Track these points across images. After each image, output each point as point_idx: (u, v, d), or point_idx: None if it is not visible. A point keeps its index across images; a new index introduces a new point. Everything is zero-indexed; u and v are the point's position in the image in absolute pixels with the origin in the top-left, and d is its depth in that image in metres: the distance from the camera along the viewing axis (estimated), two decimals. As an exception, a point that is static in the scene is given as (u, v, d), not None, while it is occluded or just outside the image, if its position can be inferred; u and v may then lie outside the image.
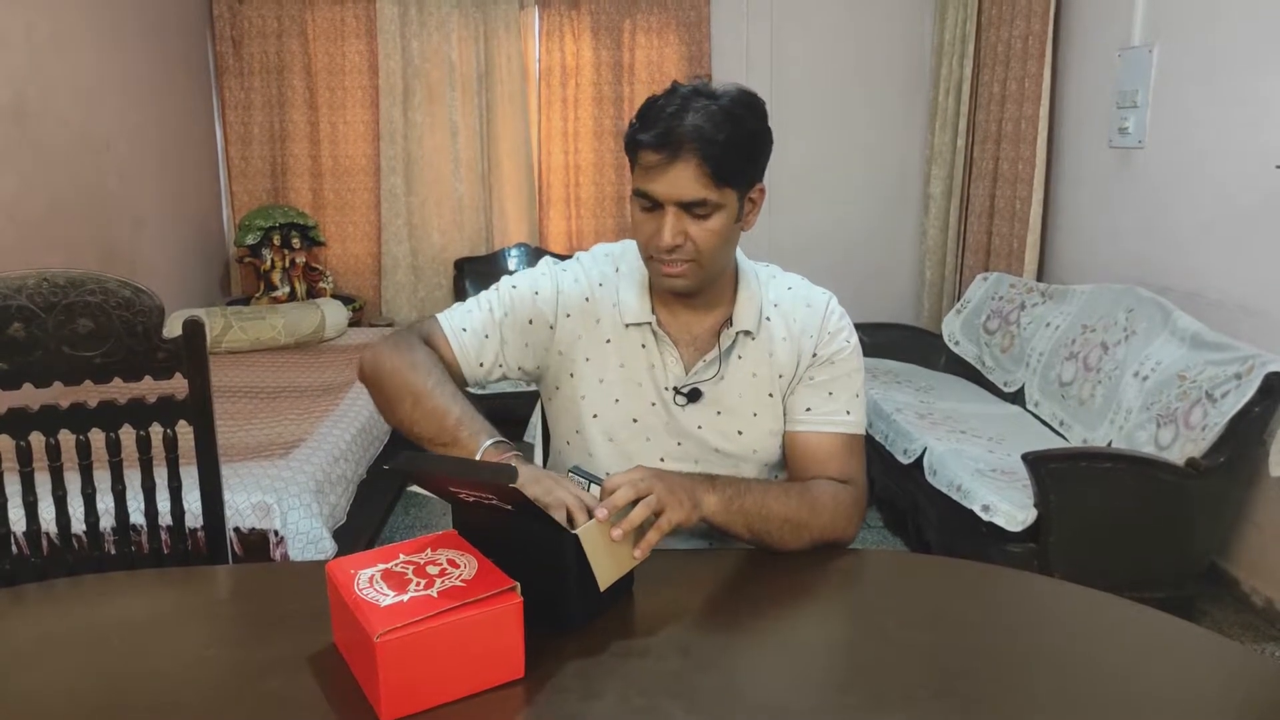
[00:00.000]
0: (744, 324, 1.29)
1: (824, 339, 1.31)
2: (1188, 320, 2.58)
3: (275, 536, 2.12)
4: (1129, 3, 3.07)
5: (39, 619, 1.11)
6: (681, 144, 1.14)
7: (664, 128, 1.14)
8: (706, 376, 1.30)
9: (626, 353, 1.31)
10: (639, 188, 1.19)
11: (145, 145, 3.59)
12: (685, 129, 1.13)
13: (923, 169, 4.48)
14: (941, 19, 4.20)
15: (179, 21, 3.94)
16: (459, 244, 4.43)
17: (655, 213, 1.19)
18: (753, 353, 1.31)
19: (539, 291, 1.33)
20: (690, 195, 1.16)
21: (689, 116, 1.14)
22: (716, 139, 1.14)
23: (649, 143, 1.15)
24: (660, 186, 1.16)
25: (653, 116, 1.16)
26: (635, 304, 1.30)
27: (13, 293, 1.36)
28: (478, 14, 4.22)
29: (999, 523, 2.24)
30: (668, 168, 1.15)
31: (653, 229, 1.19)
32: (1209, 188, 2.76)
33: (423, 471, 1.04)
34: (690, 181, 1.15)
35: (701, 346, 1.31)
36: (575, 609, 1.01)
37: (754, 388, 1.31)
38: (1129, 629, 1.05)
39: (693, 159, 1.14)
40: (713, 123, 1.14)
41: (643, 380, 1.31)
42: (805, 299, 1.34)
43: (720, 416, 1.31)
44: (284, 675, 0.94)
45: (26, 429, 1.40)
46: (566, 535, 0.99)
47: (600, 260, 1.37)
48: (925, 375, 3.51)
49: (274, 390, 3.03)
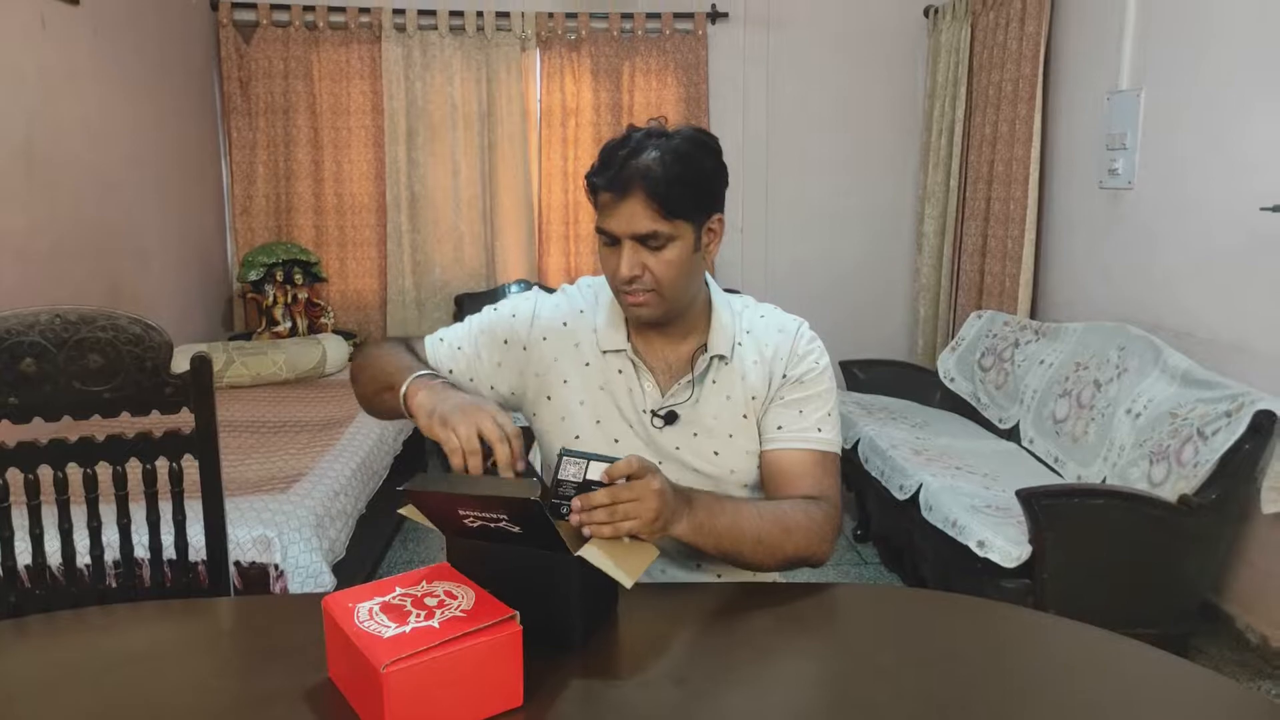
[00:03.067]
0: (718, 349, 1.35)
1: (794, 360, 1.36)
2: (1178, 358, 2.62)
3: (275, 570, 2.13)
4: (1116, 48, 3.15)
5: (43, 650, 1.13)
6: (630, 182, 1.22)
7: (615, 170, 1.23)
8: (682, 399, 1.35)
9: (606, 376, 1.36)
10: (598, 226, 1.28)
11: (152, 183, 3.64)
12: (632, 168, 1.22)
13: (916, 208, 4.54)
14: (934, 63, 4.29)
15: (187, 62, 4.02)
16: (460, 280, 4.48)
17: (615, 248, 1.27)
18: (726, 376, 1.36)
19: (516, 314, 1.41)
20: (642, 229, 1.24)
21: (639, 157, 1.23)
22: (662, 175, 1.22)
23: (602, 184, 1.25)
24: (614, 223, 1.25)
25: (608, 158, 1.25)
26: (611, 332, 1.37)
27: (25, 328, 1.40)
28: (480, 55, 4.30)
29: (994, 558, 2.26)
30: (619, 205, 1.24)
31: (615, 263, 1.27)
32: (1197, 228, 2.81)
33: (433, 494, 1.05)
34: (640, 216, 1.23)
35: (676, 372, 1.37)
36: (576, 629, 1.03)
37: (728, 409, 1.35)
38: (1124, 665, 1.06)
39: (640, 194, 1.22)
40: (660, 161, 1.22)
41: (622, 403, 1.36)
42: (778, 325, 1.40)
43: (697, 438, 1.35)
44: (284, 706, 0.95)
45: (35, 462, 1.42)
46: (569, 557, 1.01)
47: (583, 289, 1.44)
48: (920, 411, 3.54)
49: (275, 425, 3.05)
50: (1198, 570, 2.40)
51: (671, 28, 4.34)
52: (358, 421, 3.04)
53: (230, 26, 4.19)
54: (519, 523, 1.00)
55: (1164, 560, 2.30)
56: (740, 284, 4.43)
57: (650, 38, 4.36)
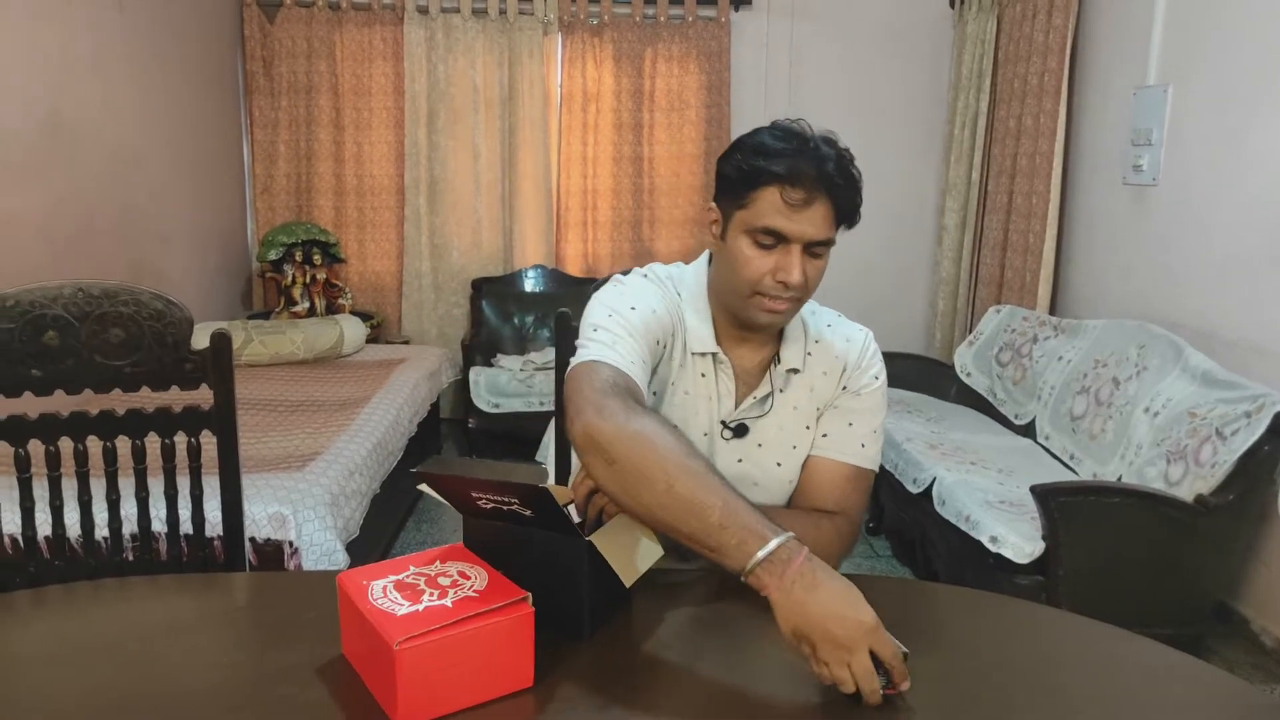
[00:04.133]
0: (792, 362, 1.32)
1: (856, 373, 1.34)
2: (1199, 358, 2.59)
3: (290, 547, 2.15)
4: (1144, 43, 3.11)
5: (60, 621, 1.14)
6: (823, 185, 1.16)
7: (810, 167, 1.15)
8: (754, 414, 1.32)
9: (689, 380, 1.32)
10: (768, 225, 1.17)
11: (174, 162, 3.66)
12: (826, 171, 1.16)
13: (937, 201, 4.51)
14: (959, 54, 4.25)
15: (211, 41, 4.03)
16: (477, 264, 4.48)
17: (773, 250, 1.19)
18: (795, 387, 1.33)
19: (655, 310, 1.27)
20: (822, 235, 1.18)
21: (823, 157, 1.16)
22: (846, 183, 1.18)
23: (795, 180, 1.15)
24: (795, 225, 1.17)
25: (785, 153, 1.16)
26: (702, 332, 1.30)
27: (49, 302, 1.41)
28: (502, 39, 4.30)
29: (1007, 554, 2.25)
30: (807, 207, 1.16)
31: (769, 265, 1.19)
32: (1221, 227, 2.77)
33: (447, 476, 1.06)
34: (824, 222, 1.18)
35: (750, 381, 1.33)
36: (587, 616, 1.03)
37: (794, 420, 1.33)
38: (1137, 663, 1.06)
39: (828, 200, 1.17)
40: (839, 166, 1.17)
41: (700, 409, 1.32)
42: (845, 335, 1.37)
43: (761, 449, 1.33)
44: (297, 682, 0.96)
45: (56, 434, 1.44)
46: (580, 541, 1.01)
47: (666, 284, 1.34)
48: (936, 405, 3.52)
49: (292, 404, 3.08)
50: (1213, 571, 2.39)
51: (695, 14, 4.31)
52: (373, 402, 3.06)
53: (254, 6, 4.20)
54: (530, 507, 1.01)
55: (1179, 560, 2.29)
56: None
57: (673, 24, 4.34)
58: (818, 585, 0.92)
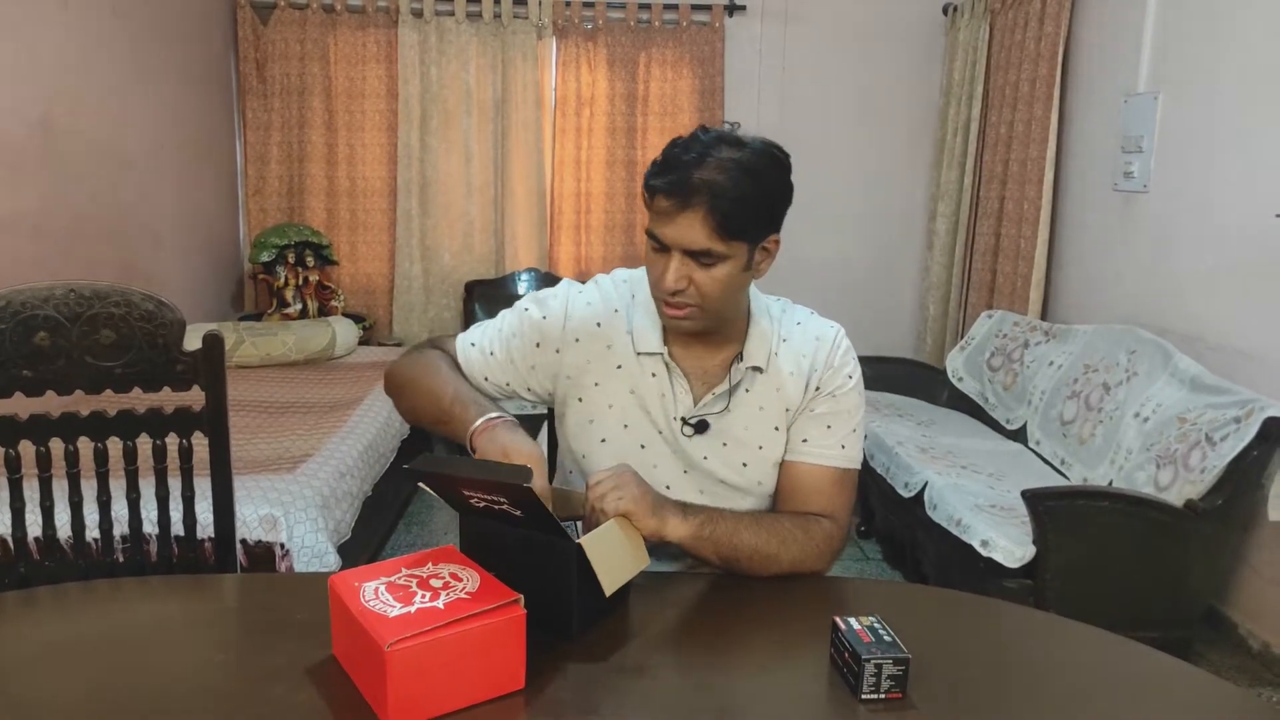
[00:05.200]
0: (754, 360, 1.31)
1: (829, 373, 1.32)
2: (1188, 363, 2.61)
3: (281, 549, 2.15)
4: (1135, 50, 3.13)
5: (50, 622, 1.14)
6: (692, 194, 1.14)
7: (678, 176, 1.15)
8: (714, 409, 1.31)
9: (637, 380, 1.32)
10: (650, 229, 1.21)
11: (167, 163, 3.65)
12: (697, 180, 1.14)
13: (928, 206, 4.53)
14: (951, 61, 4.27)
15: (204, 43, 4.03)
16: (469, 266, 4.48)
17: (663, 255, 1.20)
18: (760, 387, 1.32)
19: (547, 316, 1.35)
20: (696, 245, 1.17)
21: (705, 167, 1.14)
22: (728, 194, 1.14)
23: (661, 188, 1.16)
24: (668, 232, 1.18)
25: (671, 162, 1.17)
26: (649, 333, 1.32)
27: (40, 302, 1.41)
28: (496, 42, 4.30)
29: (997, 558, 2.26)
30: (677, 215, 1.16)
31: (660, 270, 1.21)
32: (1211, 233, 2.79)
33: (438, 474, 1.06)
34: (697, 232, 1.16)
35: (711, 380, 1.33)
36: (576, 617, 1.04)
37: (760, 420, 1.32)
38: (1126, 666, 1.07)
39: (701, 210, 1.14)
40: (727, 176, 1.14)
41: (652, 408, 1.32)
42: (815, 333, 1.35)
43: (726, 449, 1.32)
44: (288, 683, 0.96)
45: (47, 435, 1.43)
46: (570, 544, 1.02)
47: (619, 285, 1.38)
48: (927, 410, 3.53)
49: (283, 405, 3.07)
50: (1202, 575, 2.40)
51: (688, 19, 4.33)
52: (365, 404, 3.06)
53: (248, 8, 4.20)
54: (517, 507, 1.01)
55: (1168, 565, 2.30)
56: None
57: (667, 29, 4.35)
58: (496, 436, 1.16)
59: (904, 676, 0.94)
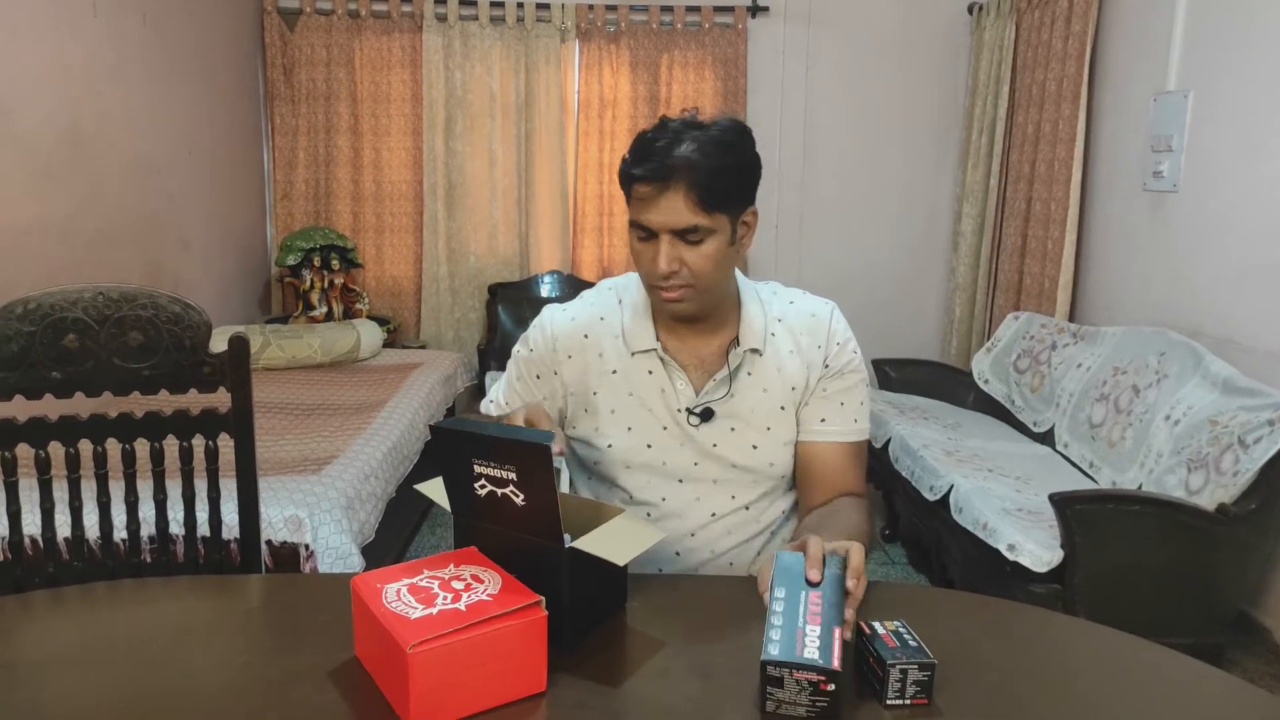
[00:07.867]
0: (751, 342, 1.34)
1: (833, 350, 1.36)
2: (1220, 365, 2.56)
3: (306, 550, 2.16)
4: (1165, 48, 3.09)
5: (78, 621, 1.16)
6: (671, 173, 1.19)
7: (656, 161, 1.19)
8: (717, 395, 1.34)
9: (635, 380, 1.35)
10: (634, 219, 1.25)
11: (195, 169, 3.70)
12: (675, 159, 1.19)
13: (954, 207, 4.49)
14: (977, 60, 4.23)
15: (232, 49, 4.07)
16: (494, 269, 4.50)
17: (651, 242, 1.24)
18: (761, 369, 1.35)
19: (534, 349, 1.40)
20: (683, 222, 1.21)
21: (679, 148, 1.19)
22: (705, 166, 1.19)
23: (641, 175, 1.21)
24: (653, 216, 1.22)
25: (644, 151, 1.21)
26: (639, 332, 1.35)
27: (69, 305, 1.42)
28: (520, 46, 4.32)
29: (1024, 562, 2.23)
30: (659, 197, 1.20)
31: (650, 257, 1.24)
32: (1242, 234, 2.75)
33: (455, 431, 1.05)
34: (681, 209, 1.20)
35: (710, 368, 1.35)
36: (566, 627, 1.01)
37: (765, 402, 1.34)
38: (1157, 672, 1.05)
39: (682, 186, 1.19)
40: (701, 152, 1.19)
41: (653, 405, 1.34)
42: (809, 310, 1.39)
43: (734, 433, 1.34)
44: (311, 684, 0.96)
45: (75, 436, 1.45)
46: (561, 551, 1.00)
47: (603, 294, 1.42)
48: (953, 412, 3.50)
49: (309, 407, 3.09)
50: (1234, 581, 2.35)
51: (711, 21, 4.32)
52: (389, 406, 3.07)
53: (275, 15, 4.24)
54: (524, 487, 1.00)
55: (1199, 570, 2.26)
56: (776, 276, 4.40)
57: (689, 31, 4.34)
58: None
59: (929, 682, 0.93)
